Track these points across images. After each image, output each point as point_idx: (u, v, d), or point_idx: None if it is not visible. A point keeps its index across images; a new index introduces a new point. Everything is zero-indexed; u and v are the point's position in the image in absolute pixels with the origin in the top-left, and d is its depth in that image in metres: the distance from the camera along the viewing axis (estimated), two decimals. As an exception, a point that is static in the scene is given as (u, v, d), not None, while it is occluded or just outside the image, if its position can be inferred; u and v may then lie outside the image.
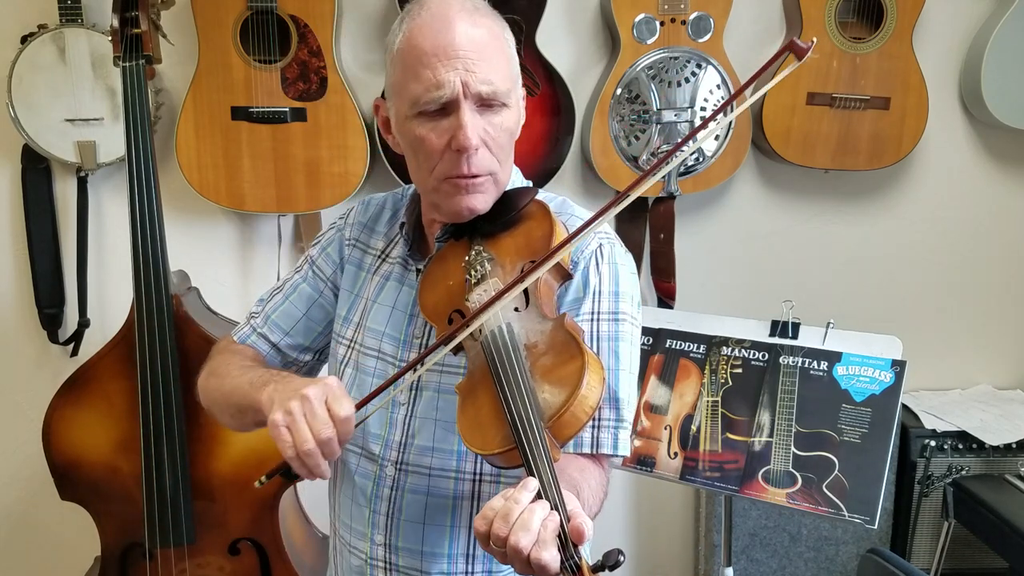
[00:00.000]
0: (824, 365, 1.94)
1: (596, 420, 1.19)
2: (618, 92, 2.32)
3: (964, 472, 2.40)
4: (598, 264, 1.24)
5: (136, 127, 1.87)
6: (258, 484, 1.16)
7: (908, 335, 2.02)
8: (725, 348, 2.04)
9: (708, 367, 2.04)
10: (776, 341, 2.00)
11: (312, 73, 2.24)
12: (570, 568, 0.91)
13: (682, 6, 2.30)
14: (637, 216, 2.48)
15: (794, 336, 2.00)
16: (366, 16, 2.41)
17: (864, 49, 2.37)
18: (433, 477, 1.25)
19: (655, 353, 2.09)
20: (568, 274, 1.20)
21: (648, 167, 2.34)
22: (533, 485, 0.94)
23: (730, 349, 2.03)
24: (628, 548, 2.74)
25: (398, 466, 1.27)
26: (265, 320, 1.44)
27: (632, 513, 2.72)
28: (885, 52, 2.37)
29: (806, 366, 1.95)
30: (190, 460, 1.91)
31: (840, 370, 1.92)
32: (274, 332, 1.43)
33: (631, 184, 1.13)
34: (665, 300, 2.51)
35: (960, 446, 2.43)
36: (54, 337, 2.43)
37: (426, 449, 1.25)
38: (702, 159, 2.35)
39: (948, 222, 2.65)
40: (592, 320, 1.22)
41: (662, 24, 2.31)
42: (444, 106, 1.17)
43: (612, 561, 0.90)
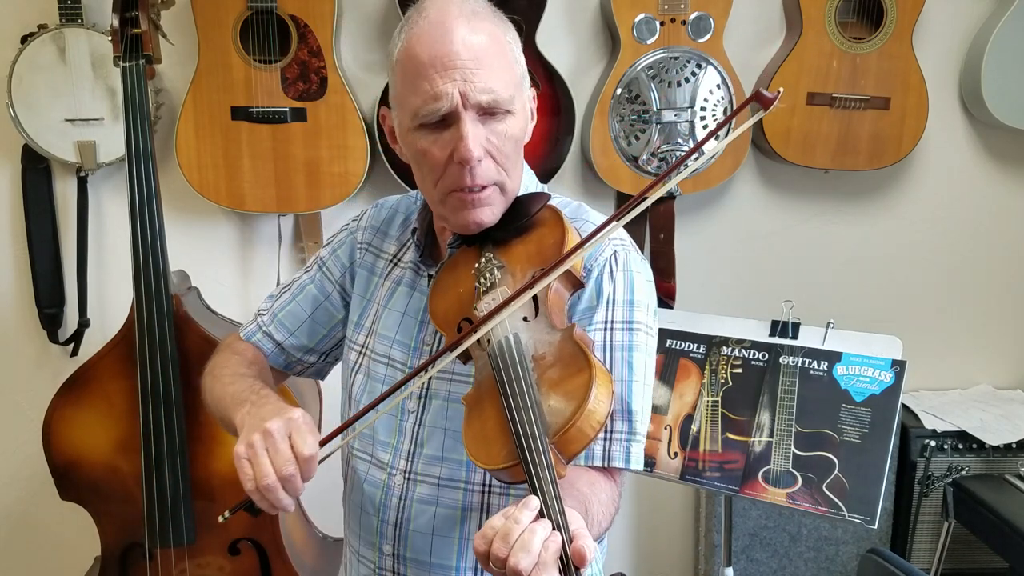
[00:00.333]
0: (824, 365, 1.94)
1: (608, 432, 1.16)
2: (618, 92, 2.32)
3: (964, 472, 2.40)
4: (612, 272, 1.21)
5: (136, 127, 1.87)
6: (222, 519, 1.16)
7: (908, 335, 2.02)
8: (725, 348, 2.04)
9: (708, 367, 2.04)
10: (776, 341, 2.00)
11: (312, 73, 2.24)
12: None
13: (682, 6, 2.30)
14: (637, 216, 2.45)
15: (794, 336, 2.00)
16: (366, 16, 2.41)
17: (864, 49, 2.37)
18: (442, 487, 1.22)
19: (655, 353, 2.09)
20: (580, 282, 1.16)
21: (646, 166, 2.34)
22: (535, 504, 0.91)
23: (730, 349, 2.03)
24: (628, 548, 2.74)
25: (407, 475, 1.25)
26: (272, 318, 1.43)
27: (632, 513, 2.72)
28: (885, 52, 2.37)
29: (806, 366, 1.95)
30: (190, 460, 1.91)
31: (840, 370, 1.92)
32: (279, 331, 1.43)
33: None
34: (665, 300, 2.51)
35: (960, 446, 2.43)
36: (54, 337, 2.43)
37: (435, 459, 1.23)
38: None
39: (948, 222, 2.65)
40: (605, 329, 1.19)
41: (662, 24, 2.31)
42: (444, 118, 1.13)
43: None
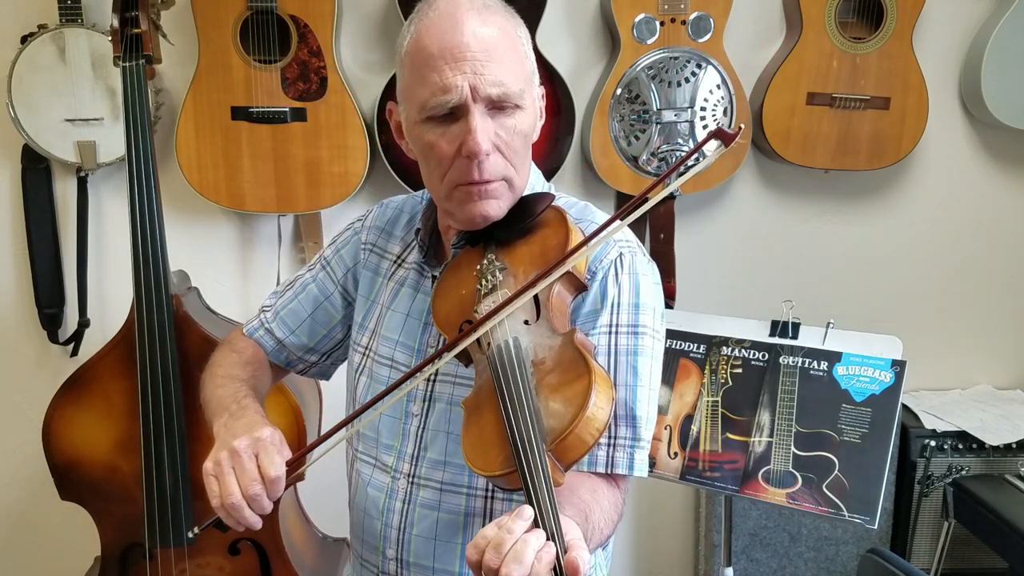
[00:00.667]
0: (824, 365, 1.94)
1: (612, 438, 1.15)
2: (618, 92, 2.32)
3: (964, 472, 2.40)
4: (617, 274, 1.19)
5: (136, 127, 1.87)
6: (191, 535, 1.17)
7: (908, 335, 2.02)
8: (725, 348, 2.04)
9: (708, 367, 2.04)
10: (776, 341, 2.00)
11: (312, 73, 2.24)
12: None
13: (682, 6, 2.30)
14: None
15: (794, 336, 2.00)
16: (366, 16, 2.41)
17: (864, 49, 2.37)
18: (444, 492, 1.22)
19: (655, 353, 2.09)
20: (582, 285, 1.14)
21: (646, 166, 2.34)
22: (528, 514, 0.89)
23: (730, 349, 2.03)
24: (628, 548, 2.74)
25: (410, 479, 1.24)
26: (275, 315, 1.43)
27: (632, 513, 2.72)
28: (885, 52, 2.37)
29: (806, 366, 1.95)
30: (190, 460, 1.91)
31: (840, 370, 1.92)
32: (281, 328, 1.43)
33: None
34: (665, 300, 2.50)
35: (960, 446, 2.43)
36: (54, 337, 2.43)
37: (438, 463, 1.22)
38: (702, 159, 2.35)
39: (948, 222, 2.65)
40: (610, 333, 1.17)
41: (662, 24, 2.31)
42: (453, 111, 1.12)
43: None
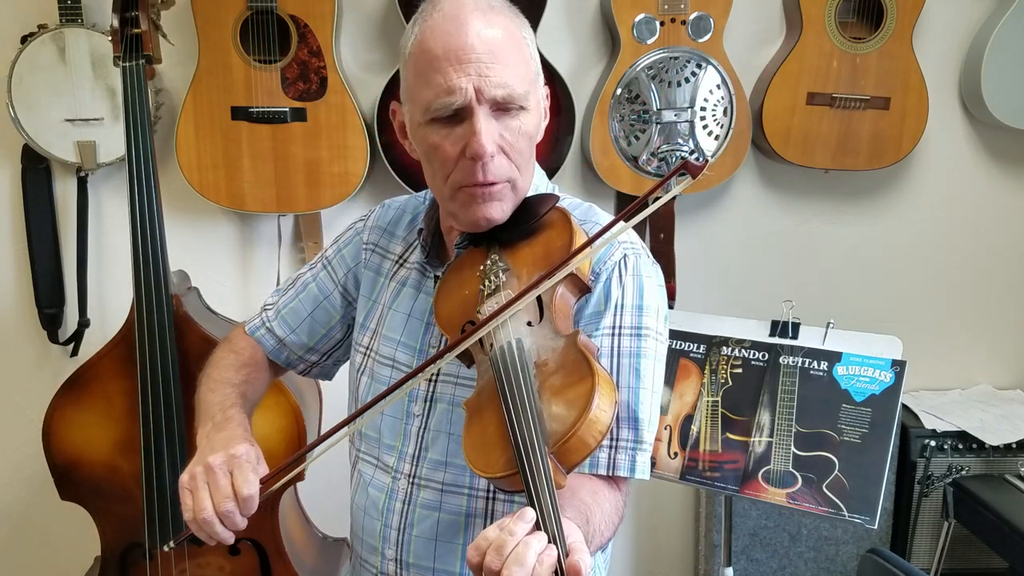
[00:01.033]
0: (824, 365, 1.94)
1: (614, 440, 1.14)
2: (618, 92, 2.32)
3: (964, 472, 2.40)
4: (621, 276, 1.18)
5: (136, 127, 1.87)
6: (167, 548, 1.21)
7: (908, 335, 2.02)
8: (725, 348, 2.04)
9: (708, 367, 2.04)
10: (776, 341, 2.00)
11: (312, 73, 2.24)
12: None
13: (682, 6, 2.30)
14: (637, 216, 2.47)
15: (794, 336, 2.00)
16: (366, 16, 2.41)
17: (864, 49, 2.37)
18: (445, 492, 1.22)
19: (655, 353, 2.09)
20: (586, 287, 1.13)
21: (646, 166, 2.34)
22: (530, 516, 0.89)
23: (730, 349, 2.03)
24: (628, 548, 2.74)
25: (411, 480, 1.24)
26: (276, 313, 1.44)
27: (632, 513, 2.72)
28: (885, 52, 2.37)
29: (806, 366, 1.95)
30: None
31: (840, 370, 1.92)
32: (281, 327, 1.43)
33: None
34: (665, 300, 2.51)
35: (960, 446, 2.43)
36: (54, 337, 2.43)
37: (439, 463, 1.22)
38: (702, 159, 2.35)
39: (948, 222, 2.65)
40: (613, 335, 1.17)
41: (662, 24, 2.31)
42: (457, 112, 1.12)
43: None
